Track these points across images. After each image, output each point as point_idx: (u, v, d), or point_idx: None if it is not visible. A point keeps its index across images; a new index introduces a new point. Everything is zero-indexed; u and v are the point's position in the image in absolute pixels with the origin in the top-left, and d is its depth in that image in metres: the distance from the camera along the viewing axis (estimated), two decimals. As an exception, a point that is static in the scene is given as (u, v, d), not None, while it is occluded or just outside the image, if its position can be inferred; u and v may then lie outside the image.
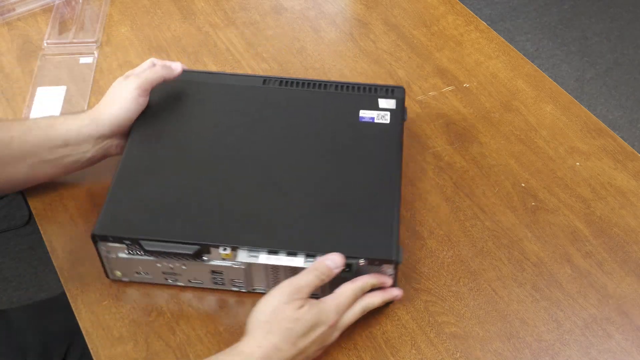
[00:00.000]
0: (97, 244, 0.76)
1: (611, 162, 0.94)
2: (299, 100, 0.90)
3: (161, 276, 0.79)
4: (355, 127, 0.87)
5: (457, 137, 0.98)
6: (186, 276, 0.79)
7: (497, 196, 0.91)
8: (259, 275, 0.77)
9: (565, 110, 1.01)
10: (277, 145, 0.85)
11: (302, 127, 0.87)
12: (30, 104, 1.03)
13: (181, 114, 0.88)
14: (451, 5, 1.19)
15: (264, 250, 0.75)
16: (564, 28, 2.47)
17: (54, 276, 0.84)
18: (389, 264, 0.75)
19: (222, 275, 0.78)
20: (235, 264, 0.76)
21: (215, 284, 0.79)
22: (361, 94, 0.91)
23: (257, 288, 0.79)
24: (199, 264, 0.77)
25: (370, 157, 0.84)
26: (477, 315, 0.79)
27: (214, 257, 0.76)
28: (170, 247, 0.75)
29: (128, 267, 0.79)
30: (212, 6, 1.20)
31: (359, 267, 0.75)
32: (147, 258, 0.77)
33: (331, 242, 0.75)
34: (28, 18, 1.17)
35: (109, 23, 1.16)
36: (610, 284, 0.82)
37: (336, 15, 1.18)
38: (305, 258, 0.74)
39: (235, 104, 0.90)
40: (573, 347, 0.76)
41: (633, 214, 0.88)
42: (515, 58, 1.09)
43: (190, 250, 0.74)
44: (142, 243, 0.75)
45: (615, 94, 2.25)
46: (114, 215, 0.77)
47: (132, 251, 0.76)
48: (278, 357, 0.68)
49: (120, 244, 0.76)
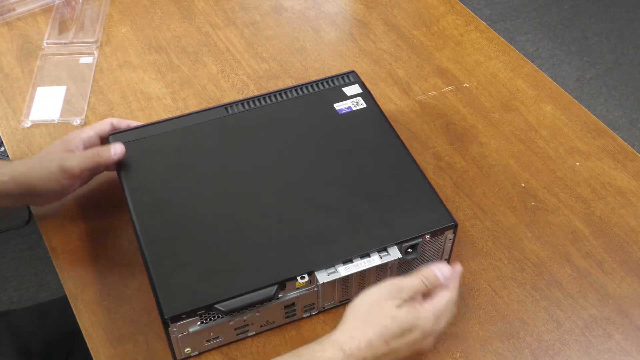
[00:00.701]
0: (169, 328, 0.70)
1: (611, 162, 0.94)
2: (271, 115, 0.88)
3: (233, 333, 0.75)
4: (339, 121, 0.87)
5: (457, 137, 0.98)
6: (258, 323, 0.76)
7: (497, 196, 0.91)
8: (330, 291, 0.77)
9: (565, 110, 1.01)
10: (280, 163, 0.83)
11: (291, 138, 0.86)
12: (30, 104, 1.03)
13: (168, 169, 0.83)
14: (451, 5, 1.19)
15: (339, 263, 0.73)
16: (564, 28, 2.47)
17: (54, 276, 0.84)
18: (450, 229, 0.76)
19: (294, 307, 0.76)
20: (310, 289, 0.75)
21: (287, 318, 0.77)
22: (324, 89, 0.91)
23: (327, 306, 0.78)
24: (273, 306, 0.74)
25: (370, 142, 0.85)
26: (477, 315, 0.79)
27: (289, 291, 0.74)
28: (249, 299, 0.71)
29: (199, 338, 0.74)
30: (212, 6, 1.20)
31: (424, 244, 0.76)
32: (221, 321, 0.73)
33: (393, 230, 0.75)
34: (28, 18, 1.17)
35: (109, 23, 1.16)
36: (610, 284, 0.82)
37: (336, 15, 1.18)
38: (379, 256, 0.74)
39: (212, 140, 0.86)
40: (573, 347, 0.76)
41: (633, 214, 0.88)
42: (515, 58, 1.09)
43: (270, 292, 0.71)
44: (218, 307, 0.70)
45: (615, 94, 2.25)
46: (173, 294, 0.71)
47: (207, 320, 0.72)
48: (369, 352, 0.67)
49: (194, 317, 0.71)
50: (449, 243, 0.79)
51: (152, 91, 1.05)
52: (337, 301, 0.78)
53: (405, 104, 1.02)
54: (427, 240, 0.76)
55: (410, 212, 0.77)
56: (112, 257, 0.85)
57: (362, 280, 0.76)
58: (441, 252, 0.80)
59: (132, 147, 0.84)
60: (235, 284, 0.72)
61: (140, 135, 0.86)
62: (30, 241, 1.84)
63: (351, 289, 0.77)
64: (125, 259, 0.84)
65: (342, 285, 0.76)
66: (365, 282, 0.77)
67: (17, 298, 1.73)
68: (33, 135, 0.99)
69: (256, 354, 0.76)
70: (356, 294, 0.71)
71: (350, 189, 0.80)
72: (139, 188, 0.81)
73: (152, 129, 0.87)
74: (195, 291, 0.71)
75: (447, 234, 0.77)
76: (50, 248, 0.86)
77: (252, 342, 0.77)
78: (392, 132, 0.86)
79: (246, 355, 0.76)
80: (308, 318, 0.78)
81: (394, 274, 0.78)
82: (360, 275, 0.75)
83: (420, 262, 0.78)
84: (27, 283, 1.75)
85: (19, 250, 1.84)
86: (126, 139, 0.85)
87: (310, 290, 0.75)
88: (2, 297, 1.73)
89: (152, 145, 0.85)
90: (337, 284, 0.76)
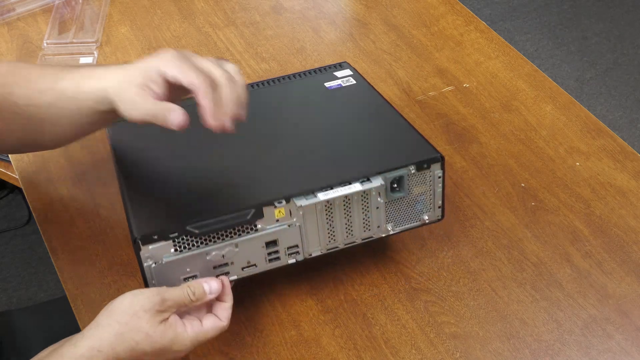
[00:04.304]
0: (140, 252, 0.69)
1: (611, 162, 0.94)
2: (262, 94, 0.90)
3: (211, 272, 0.73)
4: (328, 94, 0.89)
5: (457, 137, 0.98)
6: (239, 263, 0.73)
7: (497, 196, 0.91)
8: (314, 233, 0.74)
9: (565, 110, 1.01)
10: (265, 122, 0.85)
11: (280, 108, 0.88)
12: (30, 104, 1.03)
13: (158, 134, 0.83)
14: (451, 5, 1.19)
15: (318, 191, 0.72)
16: (564, 28, 2.47)
17: (54, 276, 0.84)
18: (437, 162, 0.75)
19: (277, 247, 0.74)
20: (291, 223, 0.72)
21: (270, 262, 0.74)
22: (315, 75, 0.93)
23: (313, 251, 0.75)
24: (252, 240, 0.72)
25: (357, 103, 0.87)
26: (477, 315, 0.79)
27: (267, 223, 0.72)
28: (223, 221, 0.70)
29: (175, 273, 0.72)
30: (212, 6, 1.20)
31: (409, 177, 0.74)
32: (197, 251, 0.71)
33: (376, 162, 0.75)
34: (28, 18, 1.17)
35: (109, 23, 1.16)
36: (610, 284, 0.82)
37: (336, 15, 1.18)
38: (360, 183, 0.73)
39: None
40: (573, 347, 0.76)
41: (633, 214, 0.88)
42: (515, 58, 1.10)
43: (246, 215, 0.70)
44: (192, 229, 0.69)
45: (615, 94, 2.25)
46: (147, 217, 0.72)
47: (181, 246, 0.70)
48: None
49: (167, 241, 0.69)
50: (438, 183, 0.76)
51: (152, 91, 1.05)
52: (324, 248, 0.75)
53: (405, 104, 1.02)
54: (413, 175, 0.74)
55: (394, 148, 0.77)
56: (112, 257, 0.85)
57: (348, 222, 0.74)
58: (432, 195, 0.77)
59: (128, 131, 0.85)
60: (210, 208, 0.71)
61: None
62: (30, 241, 1.85)
63: (337, 233, 0.75)
64: (126, 259, 0.84)
65: (327, 227, 0.74)
66: (352, 225, 0.75)
67: (17, 298, 1.73)
68: (33, 135, 0.99)
69: (256, 354, 0.76)
70: (342, 243, 0.71)
71: (335, 134, 0.81)
72: (126, 149, 0.83)
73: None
74: (168, 215, 0.72)
75: (434, 169, 0.75)
76: (50, 248, 0.86)
77: (252, 342, 0.77)
78: (379, 96, 0.87)
79: (246, 355, 0.76)
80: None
81: (382, 218, 0.75)
82: (346, 216, 0.73)
83: (410, 206, 0.77)
84: (27, 283, 1.75)
85: (19, 250, 1.84)
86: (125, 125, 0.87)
87: (292, 225, 0.73)
88: (2, 297, 1.73)
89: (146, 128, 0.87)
90: (320, 223, 0.73)
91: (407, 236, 0.86)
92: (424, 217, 0.78)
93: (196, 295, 0.69)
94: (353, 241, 0.76)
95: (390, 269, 0.83)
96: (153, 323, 0.65)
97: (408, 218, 0.77)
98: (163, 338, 0.66)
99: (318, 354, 0.76)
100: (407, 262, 0.83)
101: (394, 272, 0.83)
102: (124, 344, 0.64)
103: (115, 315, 0.66)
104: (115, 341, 0.64)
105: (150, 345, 0.65)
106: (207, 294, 0.69)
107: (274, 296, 0.81)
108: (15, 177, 1.00)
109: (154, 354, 0.66)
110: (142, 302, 0.66)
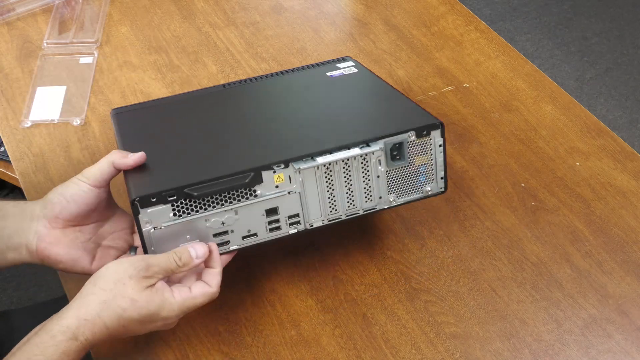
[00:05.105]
0: (139, 215, 0.68)
1: (611, 162, 0.94)
2: (266, 84, 0.92)
3: (211, 241, 0.72)
4: (330, 81, 0.90)
5: (457, 137, 0.98)
6: (239, 231, 0.72)
7: (497, 196, 0.91)
8: (315, 202, 0.73)
9: (565, 110, 1.01)
10: (267, 101, 0.87)
11: (283, 92, 0.90)
12: (30, 104, 1.03)
13: (158, 117, 0.87)
14: (451, 5, 1.19)
15: (317, 155, 0.72)
16: (564, 28, 2.47)
17: (54, 276, 0.84)
18: (436, 129, 0.74)
19: (277, 215, 0.73)
20: (291, 189, 0.72)
21: (271, 232, 0.74)
22: (318, 67, 0.95)
23: (315, 222, 0.75)
24: (252, 207, 0.71)
25: (358, 85, 0.89)
26: (477, 315, 0.79)
27: (267, 189, 0.71)
28: (221, 184, 0.69)
29: (175, 241, 0.71)
30: (212, 6, 1.20)
31: (409, 145, 0.74)
32: (196, 216, 0.70)
33: (376, 129, 0.74)
34: (28, 18, 1.17)
35: (109, 23, 1.16)
36: (610, 284, 0.82)
37: (336, 15, 1.18)
38: (359, 148, 0.72)
39: (207, 100, 0.89)
40: (573, 347, 0.76)
41: (633, 214, 0.88)
42: (515, 58, 1.10)
43: (245, 178, 0.69)
44: (190, 191, 0.68)
45: (615, 94, 2.25)
46: (145, 181, 0.71)
47: (180, 210, 0.69)
48: (104, 335, 0.64)
49: (165, 204, 0.68)
50: (439, 152, 0.76)
51: (152, 91, 1.05)
52: (326, 218, 0.75)
53: (405, 104, 1.02)
54: (413, 143, 0.74)
55: (393, 117, 0.78)
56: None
57: (349, 191, 0.74)
58: (433, 165, 0.76)
59: (130, 113, 0.87)
60: (209, 171, 0.70)
61: (139, 107, 0.90)
62: (30, 241, 1.84)
63: (338, 203, 0.74)
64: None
65: (328, 195, 0.74)
66: (353, 194, 0.74)
67: (17, 298, 1.73)
68: (33, 135, 0.99)
69: (256, 354, 0.76)
70: (344, 213, 0.71)
71: (335, 108, 0.83)
72: (127, 124, 0.84)
73: (152, 102, 0.92)
74: (167, 178, 0.71)
75: (434, 136, 0.75)
76: (50, 248, 0.86)
77: (252, 342, 0.77)
78: (381, 80, 0.89)
79: (246, 355, 0.76)
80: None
81: (383, 188, 0.75)
82: (347, 184, 0.73)
83: (412, 177, 0.76)
84: (27, 283, 1.75)
85: (19, 250, 1.83)
86: (126, 109, 0.90)
87: (292, 192, 0.72)
88: (2, 297, 1.73)
89: (149, 110, 0.89)
90: (320, 190, 0.73)
91: (407, 236, 0.86)
92: (427, 189, 0.77)
93: (182, 260, 0.68)
94: (355, 212, 0.75)
95: (390, 269, 0.83)
96: (138, 289, 0.65)
97: (411, 189, 0.76)
98: (149, 303, 0.65)
99: (318, 354, 0.76)
100: (407, 262, 0.83)
101: (394, 272, 0.83)
102: (110, 311, 0.64)
103: (100, 284, 0.65)
104: (101, 309, 0.64)
105: (137, 311, 0.65)
106: (194, 259, 0.68)
107: (274, 296, 0.81)
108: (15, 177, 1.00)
109: (142, 321, 0.65)
110: (126, 269, 0.65)
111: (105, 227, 0.77)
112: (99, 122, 1.01)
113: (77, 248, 0.74)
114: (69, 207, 0.72)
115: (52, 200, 0.73)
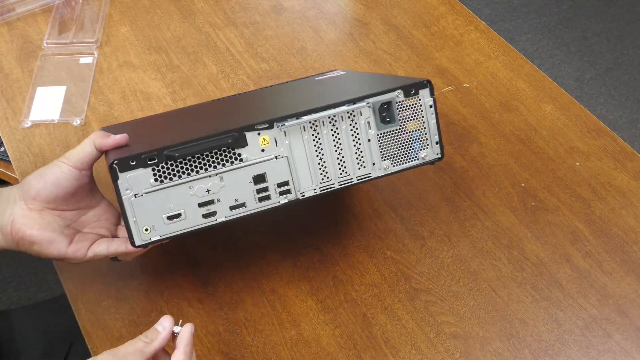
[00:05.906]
0: (118, 181, 0.65)
1: (611, 162, 0.94)
2: (259, 94, 0.94)
3: (197, 212, 0.69)
4: (318, 81, 0.93)
5: (457, 137, 0.98)
6: (226, 200, 0.69)
7: (497, 196, 0.91)
8: (304, 167, 0.71)
9: (565, 110, 1.01)
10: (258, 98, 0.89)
11: (272, 89, 0.92)
12: (30, 104, 1.03)
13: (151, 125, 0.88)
14: (451, 5, 1.19)
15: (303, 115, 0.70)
16: (564, 28, 2.47)
17: (54, 276, 0.84)
18: (424, 87, 0.73)
19: (266, 182, 0.70)
20: (278, 154, 0.70)
21: (260, 201, 0.70)
22: (306, 78, 0.98)
23: (305, 191, 0.72)
24: (238, 173, 0.69)
25: (346, 76, 0.91)
26: (477, 315, 0.79)
27: (252, 153, 0.69)
28: (204, 144, 0.66)
29: (157, 210, 0.67)
30: (212, 6, 1.20)
31: (399, 106, 0.72)
32: (179, 182, 0.67)
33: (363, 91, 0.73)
34: (28, 18, 1.17)
35: (109, 23, 1.16)
36: (610, 284, 0.82)
37: (336, 15, 1.18)
38: (346, 106, 0.70)
39: (195, 109, 0.92)
40: (573, 347, 0.76)
41: (633, 214, 0.88)
42: (515, 58, 1.10)
43: (227, 139, 0.67)
44: (171, 152, 0.65)
45: (615, 94, 2.25)
46: (125, 147, 0.69)
47: (161, 175, 0.66)
48: None
49: (145, 168, 0.65)
50: (431, 114, 0.74)
51: (152, 91, 1.05)
52: (318, 187, 0.72)
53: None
54: (402, 104, 0.72)
55: (381, 82, 0.80)
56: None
57: (340, 155, 0.72)
58: (426, 129, 0.74)
59: (119, 126, 0.88)
60: (191, 134, 0.68)
61: (128, 122, 0.92)
62: (30, 241, 1.84)
63: (329, 169, 0.72)
64: (125, 259, 0.84)
65: (317, 161, 0.71)
66: (344, 160, 0.72)
67: (17, 298, 1.73)
68: (33, 135, 0.99)
69: (256, 354, 0.76)
70: (337, 181, 0.70)
71: (322, 88, 0.86)
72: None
73: (140, 119, 0.94)
74: (147, 142, 0.69)
75: (423, 95, 0.73)
76: (50, 248, 0.86)
77: (252, 342, 0.77)
78: (371, 73, 0.94)
79: (246, 355, 0.76)
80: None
81: (376, 153, 0.73)
82: (337, 148, 0.71)
83: (406, 143, 0.74)
84: (27, 283, 1.75)
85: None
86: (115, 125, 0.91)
87: (279, 156, 0.70)
88: (2, 297, 1.73)
89: (137, 122, 0.90)
90: (309, 154, 0.71)
91: (407, 236, 0.86)
92: (422, 155, 0.74)
93: (149, 336, 0.65)
94: (349, 179, 0.73)
95: (390, 269, 0.83)
96: None
97: (406, 156, 0.74)
98: None
99: (318, 354, 0.76)
100: (407, 262, 0.83)
101: (394, 272, 0.83)
102: None
103: None
104: None
105: None
106: (160, 331, 0.65)
107: (274, 296, 0.81)
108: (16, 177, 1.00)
109: None
110: None
111: (88, 216, 0.75)
112: (99, 122, 1.01)
113: (54, 231, 0.71)
114: (48, 188, 0.70)
115: (30, 182, 0.71)
